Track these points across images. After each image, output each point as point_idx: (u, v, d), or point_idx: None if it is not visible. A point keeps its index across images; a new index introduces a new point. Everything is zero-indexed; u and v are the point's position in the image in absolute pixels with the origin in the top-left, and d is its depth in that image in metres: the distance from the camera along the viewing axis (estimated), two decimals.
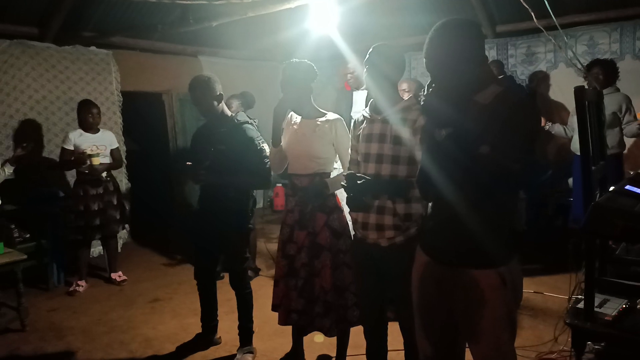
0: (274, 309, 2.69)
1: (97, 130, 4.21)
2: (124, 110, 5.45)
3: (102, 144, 4.17)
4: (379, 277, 2.19)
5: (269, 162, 2.71)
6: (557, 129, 4.45)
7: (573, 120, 4.33)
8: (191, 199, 5.96)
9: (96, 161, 4.04)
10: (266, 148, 2.72)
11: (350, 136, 2.35)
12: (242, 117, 2.81)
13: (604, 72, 3.99)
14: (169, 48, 5.81)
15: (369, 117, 2.18)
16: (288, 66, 2.49)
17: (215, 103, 2.74)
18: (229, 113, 2.82)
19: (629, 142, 4.36)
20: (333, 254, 2.47)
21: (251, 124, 2.80)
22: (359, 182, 1.99)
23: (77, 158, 4.03)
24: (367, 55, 2.08)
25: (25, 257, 3.41)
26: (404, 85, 3.73)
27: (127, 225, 5.29)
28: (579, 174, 4.23)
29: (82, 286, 4.18)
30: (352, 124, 2.32)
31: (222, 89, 2.79)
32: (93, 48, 5.14)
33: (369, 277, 2.22)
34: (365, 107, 2.25)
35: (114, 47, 5.30)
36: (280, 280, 2.62)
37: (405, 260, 1.88)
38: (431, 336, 1.74)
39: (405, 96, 3.53)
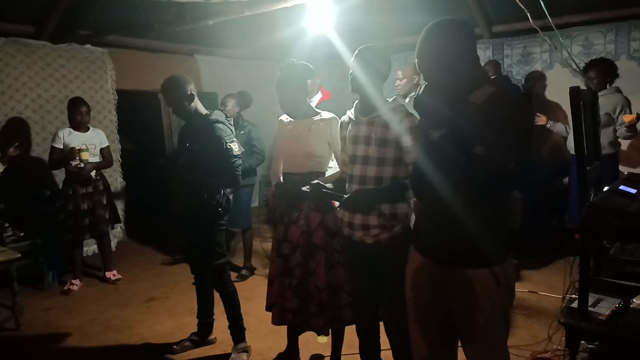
0: (267, 308, 2.69)
1: (87, 129, 4.20)
2: (120, 109, 5.43)
3: (91, 143, 4.14)
4: (371, 275, 2.20)
5: (237, 161, 2.70)
6: (559, 127, 4.44)
7: None
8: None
9: (85, 156, 4.01)
10: (234, 147, 2.71)
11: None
12: (216, 115, 2.78)
13: (599, 74, 3.99)
14: (165, 47, 5.79)
15: (354, 118, 2.20)
16: (284, 67, 2.50)
17: (186, 103, 2.73)
18: (203, 112, 2.80)
19: (624, 142, 4.38)
20: (328, 253, 2.48)
21: (223, 122, 2.76)
22: (324, 190, 2.17)
23: (66, 154, 4.02)
24: (353, 58, 2.10)
25: (19, 255, 3.39)
26: (399, 74, 3.71)
27: (122, 225, 5.27)
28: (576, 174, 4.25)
29: (77, 285, 4.17)
30: (338, 125, 2.35)
31: (219, 88, 2.78)
32: (88, 46, 5.11)
33: (361, 274, 2.24)
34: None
35: (109, 46, 5.28)
36: (275, 279, 2.62)
37: (392, 258, 1.90)
38: (427, 337, 1.74)
39: (403, 83, 3.54)
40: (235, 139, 2.75)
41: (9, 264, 3.31)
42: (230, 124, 2.80)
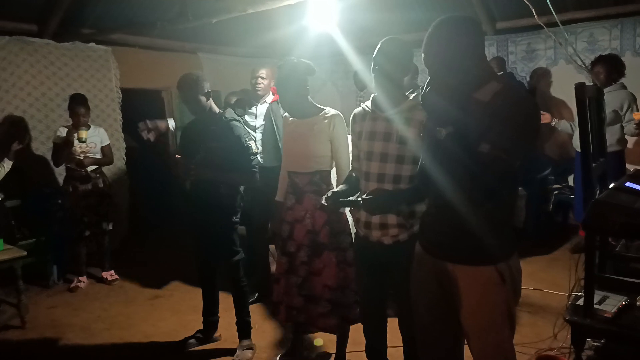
0: (274, 306, 2.69)
1: (88, 127, 4.14)
2: (124, 107, 5.44)
3: (92, 142, 4.15)
4: (381, 275, 2.17)
5: (255, 160, 2.73)
6: (564, 125, 4.40)
7: None
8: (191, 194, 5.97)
9: (83, 134, 3.94)
10: (252, 146, 2.74)
11: (348, 133, 2.32)
12: (229, 114, 2.83)
13: (605, 70, 3.97)
14: (168, 45, 5.79)
15: (370, 112, 2.08)
16: (283, 66, 2.46)
17: (204, 100, 2.76)
18: (217, 110, 2.83)
19: (631, 139, 4.36)
20: (336, 252, 2.47)
21: (238, 121, 2.80)
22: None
23: (65, 138, 3.96)
24: (376, 51, 1.98)
25: (24, 253, 3.40)
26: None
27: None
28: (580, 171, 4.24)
29: (83, 282, 4.17)
30: (350, 118, 2.22)
31: (222, 86, 2.79)
32: (92, 44, 5.12)
33: (372, 274, 2.20)
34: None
35: (113, 44, 5.28)
36: (281, 277, 2.61)
37: (408, 256, 1.86)
38: (432, 333, 1.74)
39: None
40: (252, 138, 2.78)
41: (14, 262, 3.32)
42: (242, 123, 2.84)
